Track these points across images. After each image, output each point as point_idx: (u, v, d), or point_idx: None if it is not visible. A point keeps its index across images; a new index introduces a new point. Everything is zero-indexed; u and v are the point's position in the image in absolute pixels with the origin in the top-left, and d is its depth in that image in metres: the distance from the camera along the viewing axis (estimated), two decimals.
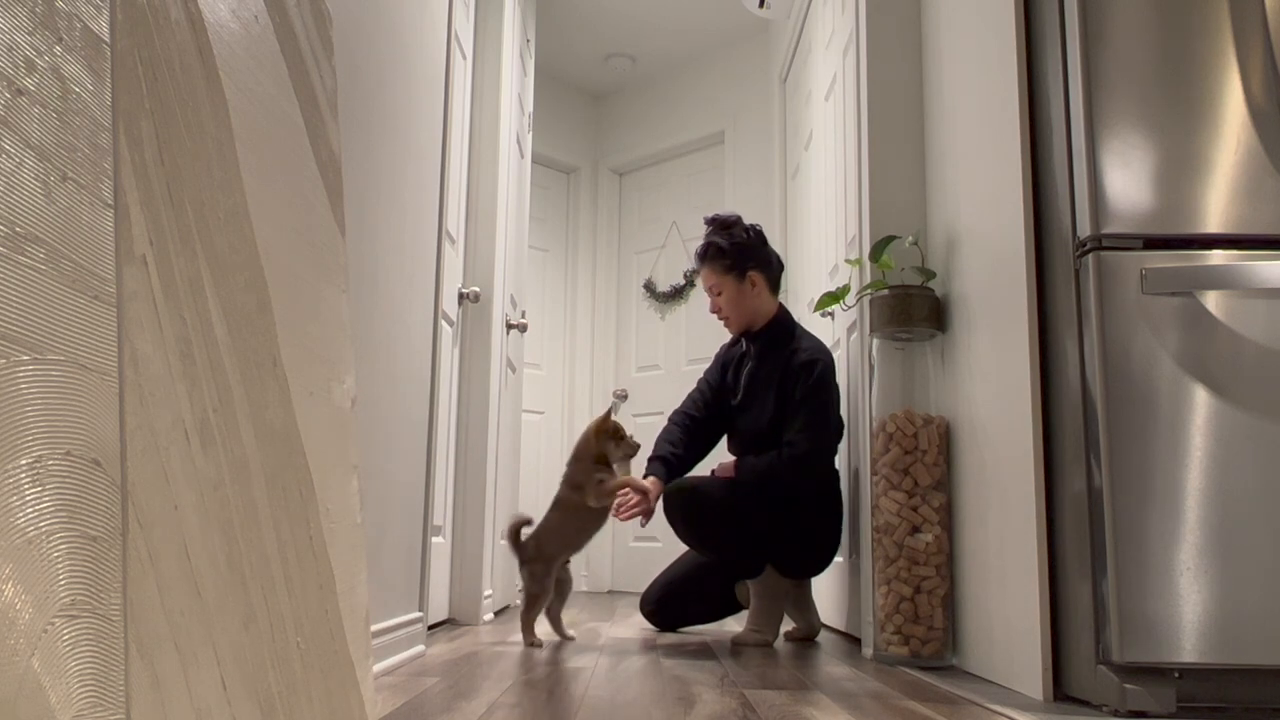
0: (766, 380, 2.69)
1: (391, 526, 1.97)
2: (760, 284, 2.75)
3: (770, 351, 2.73)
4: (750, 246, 2.75)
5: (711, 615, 2.94)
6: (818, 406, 2.59)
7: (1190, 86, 1.59)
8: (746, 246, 2.74)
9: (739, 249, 2.73)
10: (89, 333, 0.69)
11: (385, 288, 1.91)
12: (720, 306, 2.78)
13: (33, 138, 0.65)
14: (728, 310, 2.77)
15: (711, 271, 2.76)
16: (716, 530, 2.61)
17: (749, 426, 2.73)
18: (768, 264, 2.78)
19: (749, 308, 2.75)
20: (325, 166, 1.23)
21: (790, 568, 2.67)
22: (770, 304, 2.78)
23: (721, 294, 2.76)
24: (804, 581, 2.80)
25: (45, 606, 0.61)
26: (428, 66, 2.27)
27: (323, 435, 1.12)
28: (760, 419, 2.69)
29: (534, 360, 5.04)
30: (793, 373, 2.62)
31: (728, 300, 2.75)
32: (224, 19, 0.97)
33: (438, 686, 1.64)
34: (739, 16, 4.64)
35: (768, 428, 2.67)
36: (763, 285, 2.76)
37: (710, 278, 2.77)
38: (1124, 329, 1.53)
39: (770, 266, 2.78)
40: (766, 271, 2.77)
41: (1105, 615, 1.49)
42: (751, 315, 2.76)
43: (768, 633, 2.60)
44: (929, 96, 2.38)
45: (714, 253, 2.74)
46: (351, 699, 1.10)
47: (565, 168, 5.32)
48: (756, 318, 2.77)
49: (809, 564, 2.69)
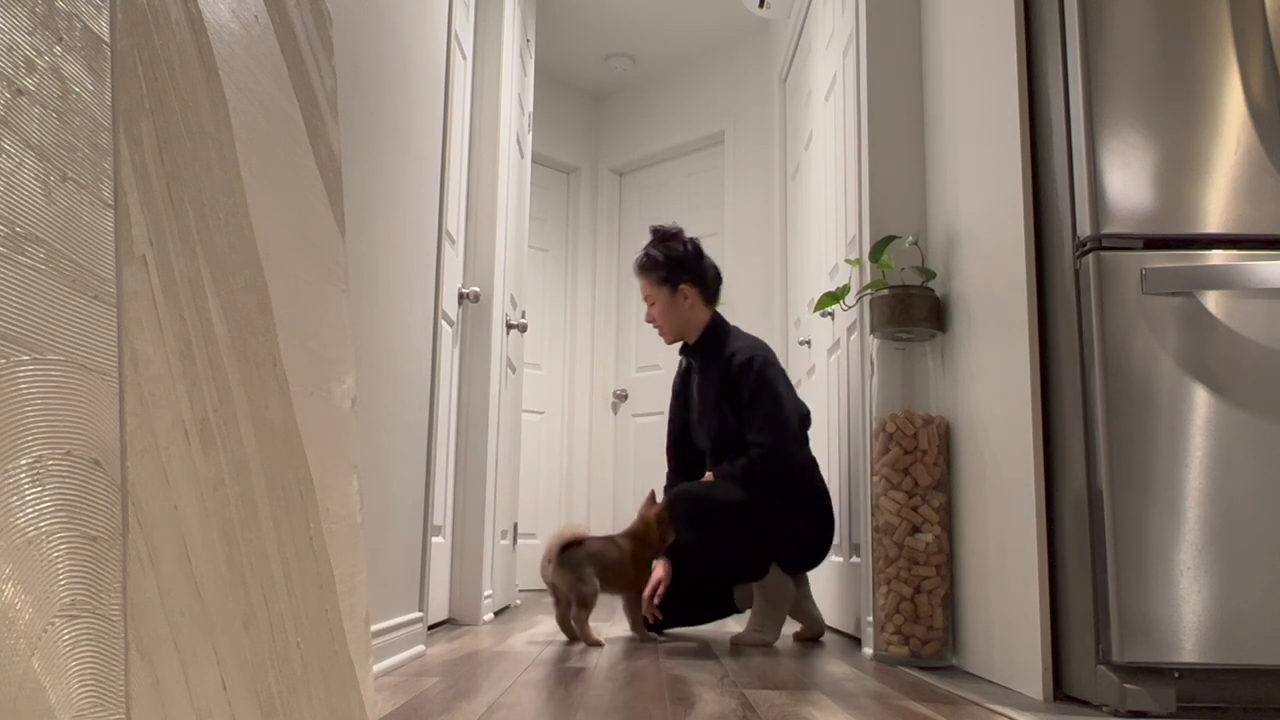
0: (712, 390, 2.80)
1: (391, 526, 1.97)
2: (693, 296, 2.86)
3: (709, 362, 2.85)
4: (685, 259, 2.86)
5: (705, 617, 2.94)
6: (768, 401, 2.67)
7: (1190, 86, 1.59)
8: (682, 259, 2.85)
9: (673, 261, 2.85)
10: (89, 333, 0.69)
11: (385, 288, 1.91)
12: (654, 316, 2.91)
13: (33, 138, 0.65)
14: (660, 320, 2.90)
15: (647, 282, 2.89)
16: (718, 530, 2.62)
17: (711, 438, 2.82)
18: (702, 277, 2.88)
19: (680, 319, 2.87)
20: (325, 166, 1.23)
21: (787, 564, 2.68)
22: (703, 315, 2.89)
23: (655, 304, 2.89)
24: (804, 580, 2.81)
25: (45, 606, 0.61)
26: (428, 66, 2.27)
27: (323, 435, 1.12)
28: (719, 429, 2.78)
29: (534, 360, 5.04)
30: (733, 377, 2.73)
31: (660, 310, 2.88)
32: (224, 19, 0.97)
33: (438, 686, 1.64)
34: (739, 16, 4.64)
35: (728, 435, 2.77)
36: (695, 298, 2.87)
37: (646, 288, 2.90)
38: (1124, 329, 1.53)
39: (704, 280, 2.89)
40: (700, 285, 2.87)
41: (1105, 615, 1.49)
42: (683, 326, 2.88)
43: (768, 633, 2.60)
44: (929, 96, 2.38)
45: (649, 264, 2.87)
46: (351, 699, 1.10)
47: (565, 168, 5.32)
48: (689, 329, 2.88)
49: (802, 557, 2.71)
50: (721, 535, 2.61)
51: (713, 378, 2.80)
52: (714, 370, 2.80)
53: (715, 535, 2.61)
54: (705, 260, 2.90)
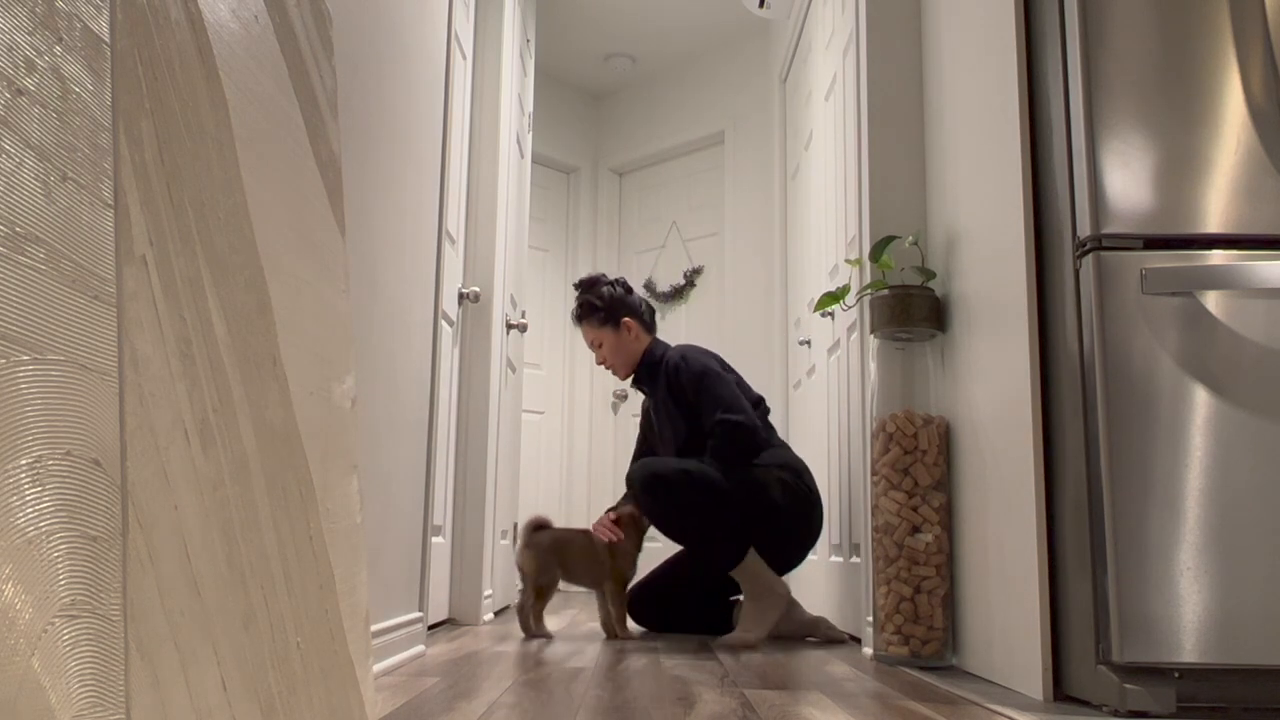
0: (664, 404, 2.94)
1: (391, 526, 1.97)
2: (635, 327, 3.04)
3: (653, 380, 3.00)
4: (619, 299, 3.04)
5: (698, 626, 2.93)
6: (711, 386, 2.81)
7: (1190, 86, 1.59)
8: (616, 300, 3.04)
9: (610, 303, 3.03)
10: (89, 333, 0.69)
11: (385, 288, 1.91)
12: (604, 358, 3.06)
13: (33, 138, 0.65)
14: (612, 359, 3.05)
15: (589, 328, 3.05)
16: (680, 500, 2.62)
17: (673, 444, 2.93)
18: (637, 309, 3.07)
19: (629, 352, 3.03)
20: (325, 166, 1.23)
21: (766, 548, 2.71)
22: (645, 343, 3.05)
23: (603, 345, 3.03)
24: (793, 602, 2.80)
25: (45, 606, 0.61)
26: (428, 66, 2.27)
27: (323, 435, 1.12)
28: (678, 433, 2.91)
29: (534, 360, 5.04)
30: (674, 382, 2.89)
31: (610, 350, 3.03)
32: (224, 19, 0.97)
33: (438, 686, 1.64)
34: (739, 16, 4.64)
35: (686, 440, 2.89)
36: (637, 328, 3.05)
37: (589, 333, 3.06)
38: (1124, 329, 1.53)
39: (640, 311, 3.06)
40: (637, 316, 3.05)
41: (1105, 615, 1.49)
42: (632, 358, 3.04)
43: (756, 633, 2.58)
44: (929, 96, 2.39)
45: (588, 310, 3.04)
46: (351, 699, 1.10)
47: (565, 168, 5.32)
48: (636, 360, 3.04)
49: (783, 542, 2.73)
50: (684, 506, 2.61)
51: (659, 393, 2.95)
52: (659, 385, 2.96)
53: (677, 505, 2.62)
54: (634, 294, 3.09)
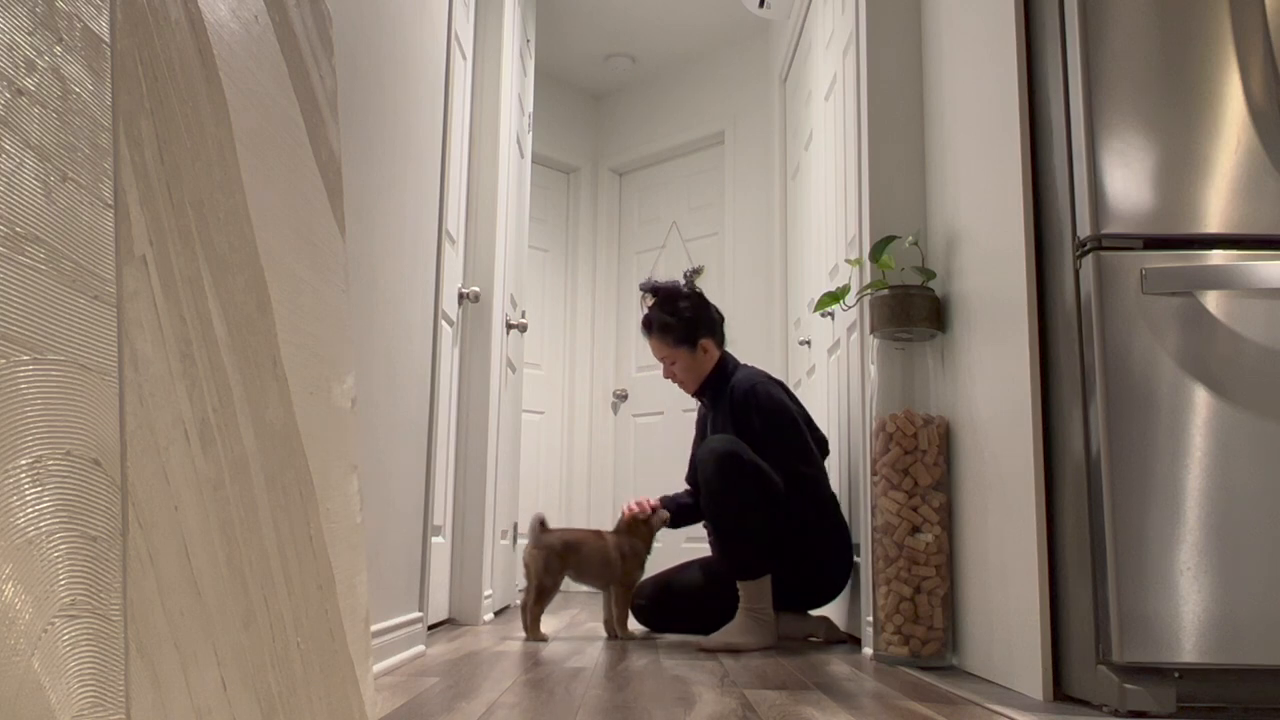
0: (723, 425, 2.81)
1: (391, 526, 1.97)
2: (710, 347, 2.90)
3: (718, 399, 2.87)
4: (697, 318, 2.88)
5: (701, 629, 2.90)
6: (785, 429, 2.70)
7: (1190, 86, 1.59)
8: (694, 319, 2.87)
9: (688, 324, 2.86)
10: (89, 333, 0.69)
11: (385, 288, 1.91)
12: (673, 374, 2.92)
13: (33, 138, 0.65)
14: (683, 376, 2.91)
15: (662, 344, 2.89)
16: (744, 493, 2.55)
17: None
18: (713, 325, 2.91)
19: (703, 371, 2.90)
20: (325, 166, 1.23)
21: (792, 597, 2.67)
22: (716, 357, 2.92)
23: (675, 363, 2.89)
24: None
25: (45, 606, 0.61)
26: (428, 66, 2.27)
27: (323, 435, 1.12)
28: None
29: (534, 360, 5.04)
30: (739, 408, 2.75)
31: (682, 369, 2.90)
32: (224, 19, 0.97)
33: (438, 686, 1.64)
34: (739, 16, 4.64)
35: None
36: (713, 346, 2.90)
37: (661, 349, 2.90)
38: (1124, 329, 1.53)
39: (715, 327, 2.92)
40: (713, 333, 2.91)
41: (1105, 615, 1.49)
42: (704, 375, 2.91)
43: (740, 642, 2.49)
44: (929, 96, 2.38)
45: (663, 328, 2.87)
46: (351, 699, 1.10)
47: (565, 168, 5.32)
48: (706, 375, 2.91)
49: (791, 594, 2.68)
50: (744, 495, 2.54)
51: (722, 413, 2.83)
52: (723, 406, 2.84)
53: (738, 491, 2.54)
54: (710, 307, 2.94)
